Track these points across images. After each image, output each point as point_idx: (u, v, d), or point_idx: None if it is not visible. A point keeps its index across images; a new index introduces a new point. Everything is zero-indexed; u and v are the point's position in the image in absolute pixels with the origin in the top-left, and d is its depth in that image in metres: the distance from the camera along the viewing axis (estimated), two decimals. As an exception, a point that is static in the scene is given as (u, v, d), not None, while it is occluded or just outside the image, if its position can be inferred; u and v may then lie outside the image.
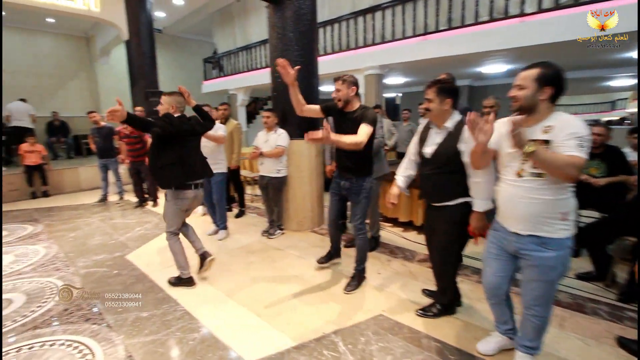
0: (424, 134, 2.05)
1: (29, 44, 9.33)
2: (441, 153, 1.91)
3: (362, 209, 2.48)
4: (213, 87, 10.21)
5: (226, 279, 2.75)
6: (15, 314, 2.30)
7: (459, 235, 1.97)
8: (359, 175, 2.44)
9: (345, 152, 2.36)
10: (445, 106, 1.87)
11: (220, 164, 3.68)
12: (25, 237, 3.97)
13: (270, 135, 3.68)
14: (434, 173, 1.95)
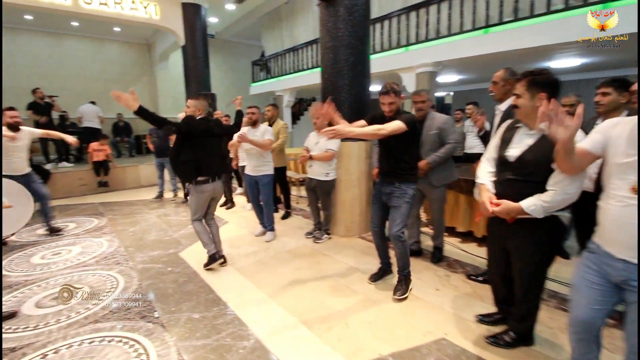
0: (507, 134, 1.77)
1: (99, 51, 10.27)
2: (530, 158, 1.62)
3: (403, 215, 2.37)
4: (260, 89, 10.44)
5: (274, 284, 2.69)
6: (79, 306, 2.42)
7: (545, 255, 1.69)
8: (402, 180, 2.36)
9: (390, 157, 2.37)
10: (537, 102, 1.58)
11: (268, 165, 3.65)
12: (91, 230, 4.28)
13: (321, 137, 3.57)
14: (517, 180, 1.67)
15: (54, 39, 9.54)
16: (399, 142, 2.26)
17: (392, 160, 2.38)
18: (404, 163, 2.37)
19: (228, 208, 5.16)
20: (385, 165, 2.44)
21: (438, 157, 2.76)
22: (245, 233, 4.00)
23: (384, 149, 2.43)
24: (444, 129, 2.77)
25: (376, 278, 2.71)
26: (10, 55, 8.95)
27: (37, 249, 3.66)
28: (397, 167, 2.37)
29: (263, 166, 3.62)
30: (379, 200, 2.50)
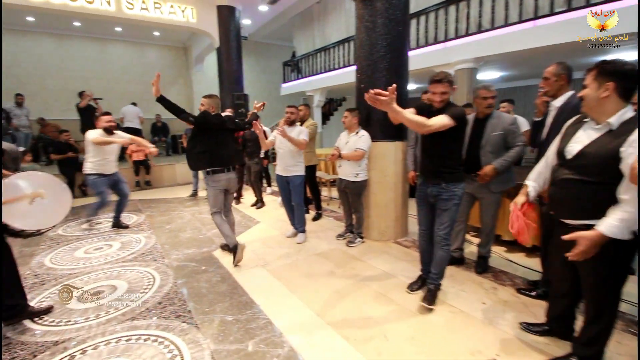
0: (571, 129, 1.58)
1: (140, 55, 10.78)
2: (591, 154, 1.43)
3: (451, 218, 2.24)
4: (291, 89, 10.47)
5: (308, 289, 2.59)
6: (118, 302, 2.47)
7: (618, 270, 1.46)
8: (448, 180, 2.20)
9: (433, 155, 2.23)
10: (603, 92, 1.39)
11: (299, 165, 3.61)
12: (131, 226, 4.44)
13: (351, 137, 3.47)
14: (574, 180, 1.48)
15: (100, 44, 10.14)
16: (444, 139, 2.10)
17: (436, 159, 2.22)
18: (450, 161, 2.21)
19: (258, 208, 5.17)
20: (429, 165, 2.28)
21: (506, 161, 2.51)
22: (276, 234, 3.96)
23: (428, 147, 2.27)
24: (511, 130, 2.53)
25: (416, 287, 2.53)
26: (61, 60, 9.61)
27: (81, 243, 3.84)
28: (442, 166, 2.20)
29: (294, 166, 3.58)
30: (426, 202, 2.35)
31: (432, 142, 2.19)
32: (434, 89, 2.12)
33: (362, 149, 3.35)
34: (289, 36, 11.17)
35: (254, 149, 5.14)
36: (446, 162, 2.20)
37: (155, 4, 6.86)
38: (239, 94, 7.63)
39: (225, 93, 7.76)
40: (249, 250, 3.40)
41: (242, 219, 4.59)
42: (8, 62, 8.87)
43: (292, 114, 3.58)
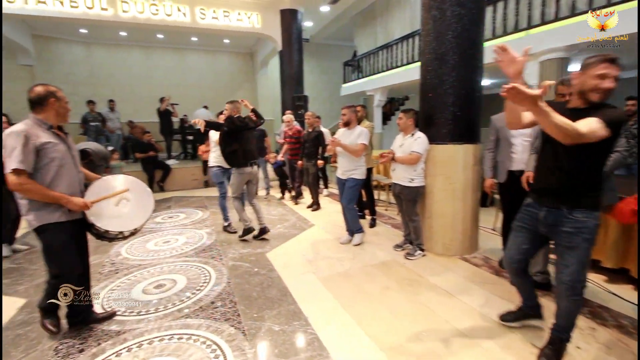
0: None
1: (212, 62, 11.62)
2: None
3: (582, 260, 1.63)
4: (351, 90, 10.30)
5: (360, 303, 2.40)
6: (176, 297, 2.57)
7: None
8: (580, 206, 1.60)
9: (560, 168, 1.62)
10: None
11: (359, 170, 3.46)
12: (196, 222, 4.72)
13: (406, 139, 3.19)
14: None
15: (179, 54, 11.17)
16: (588, 149, 1.48)
17: (564, 174, 1.61)
18: (587, 179, 1.59)
19: (314, 210, 5.11)
20: (554, 182, 1.65)
21: None
22: (330, 238, 3.83)
23: (550, 155, 1.66)
24: None
25: (511, 318, 2.08)
26: (148, 69, 10.81)
27: (153, 235, 4.17)
28: (572, 184, 1.60)
29: (354, 170, 3.45)
30: (531, 228, 1.79)
31: (569, 153, 1.55)
32: (606, 71, 1.47)
33: (418, 152, 3.05)
34: (349, 36, 11.03)
35: (311, 149, 5.09)
36: (581, 179, 1.59)
37: (224, 13, 7.28)
38: (299, 95, 7.71)
39: (287, 95, 7.93)
40: (299, 255, 3.34)
41: (296, 221, 4.57)
42: (104, 72, 10.26)
43: (344, 115, 3.49)
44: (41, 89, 1.91)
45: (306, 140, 5.22)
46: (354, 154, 3.36)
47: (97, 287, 2.77)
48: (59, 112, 1.95)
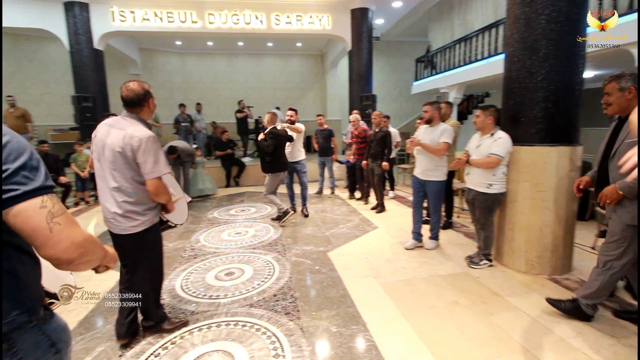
0: None
1: (285, 65, 12.18)
2: None
3: None
4: (423, 87, 9.77)
5: (424, 316, 2.24)
6: (243, 286, 2.74)
7: None
8: None
9: None
10: None
11: (439, 170, 3.26)
12: (265, 216, 4.99)
13: (484, 139, 2.87)
14: None
15: (256, 59, 11.97)
16: None
17: None
18: None
19: (378, 212, 4.97)
20: None
21: (631, 184, 1.74)
22: (394, 243, 3.68)
23: None
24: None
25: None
26: (230, 74, 11.82)
27: (228, 226, 4.52)
28: None
29: (434, 170, 3.26)
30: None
31: None
32: None
33: (497, 154, 2.72)
34: (422, 31, 10.49)
35: (377, 150, 4.97)
36: None
37: (297, 17, 7.54)
38: (367, 94, 7.60)
39: (355, 94, 7.88)
40: (361, 257, 3.27)
41: (360, 222, 4.50)
42: (194, 78, 11.53)
43: (426, 112, 3.29)
44: (139, 87, 1.83)
45: (372, 140, 5.12)
46: (435, 153, 3.17)
47: (179, 269, 3.12)
48: (152, 110, 1.92)
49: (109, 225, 1.86)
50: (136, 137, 1.72)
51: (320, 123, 6.03)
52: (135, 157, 1.73)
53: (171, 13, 7.08)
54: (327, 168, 6.18)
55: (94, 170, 1.92)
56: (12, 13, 6.53)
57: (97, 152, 1.82)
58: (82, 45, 6.76)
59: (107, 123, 1.83)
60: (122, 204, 1.78)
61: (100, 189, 1.86)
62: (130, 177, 1.77)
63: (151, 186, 1.77)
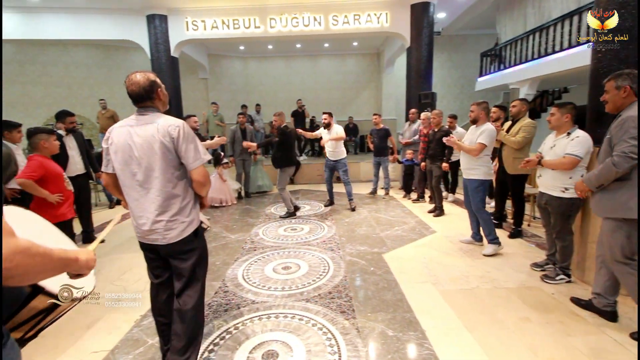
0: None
1: (340, 65, 12.23)
2: None
3: None
4: (488, 83, 9.07)
5: (489, 330, 2.09)
6: (300, 281, 2.82)
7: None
8: None
9: None
10: None
11: (478, 169, 3.27)
12: (319, 214, 5.07)
13: (559, 139, 2.60)
14: None
15: (313, 60, 12.21)
16: None
17: None
18: None
19: (436, 215, 4.75)
20: None
21: (594, 175, 2.04)
22: (453, 249, 3.49)
23: None
24: (616, 131, 1.94)
25: None
26: (288, 76, 12.22)
27: (284, 222, 4.69)
28: None
29: (472, 169, 3.31)
30: None
31: None
32: None
33: (575, 154, 2.43)
34: (489, 22, 9.76)
35: (437, 150, 4.75)
36: None
37: (355, 16, 7.51)
38: (426, 92, 7.29)
39: (413, 93, 7.61)
40: (418, 261, 3.16)
41: (416, 225, 4.35)
42: (255, 81, 12.14)
43: (472, 112, 3.35)
44: (143, 78, 1.55)
45: (431, 141, 4.91)
46: (469, 152, 3.27)
47: (240, 260, 3.32)
48: (164, 101, 1.65)
49: (150, 238, 1.60)
50: (172, 125, 1.52)
51: (377, 122, 5.95)
52: (177, 147, 1.53)
53: (237, 20, 7.54)
54: (382, 168, 6.07)
55: (120, 181, 1.60)
56: (105, 27, 7.54)
57: (121, 159, 1.55)
58: (161, 54, 7.53)
59: (123, 125, 1.57)
60: (166, 208, 1.56)
61: (132, 200, 1.59)
62: (170, 174, 1.55)
63: (198, 175, 1.58)
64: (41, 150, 2.62)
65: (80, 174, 3.84)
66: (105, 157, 1.62)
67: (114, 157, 1.58)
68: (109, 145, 1.58)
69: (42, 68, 9.57)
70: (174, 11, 7.51)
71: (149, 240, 1.62)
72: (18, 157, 3.10)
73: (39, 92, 9.58)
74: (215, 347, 1.99)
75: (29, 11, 7.19)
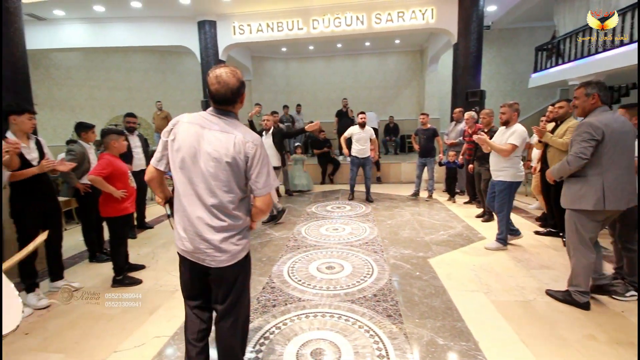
0: None
1: (381, 63, 12.03)
2: None
3: None
4: (545, 80, 8.41)
5: (550, 347, 1.94)
6: (345, 281, 2.84)
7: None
8: None
9: None
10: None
11: (505, 171, 3.35)
12: (360, 215, 5.05)
13: None
14: None
15: (353, 59, 12.14)
16: None
17: None
18: None
19: (485, 221, 4.51)
20: None
21: (555, 169, 2.38)
22: (506, 257, 3.30)
23: None
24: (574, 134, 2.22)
25: None
26: (327, 76, 12.26)
27: (325, 222, 4.74)
28: None
29: (500, 171, 3.37)
30: None
31: None
32: None
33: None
34: (545, 14, 9.03)
35: (484, 152, 4.50)
36: None
37: (399, 13, 7.35)
38: (474, 90, 6.95)
39: (459, 91, 7.29)
40: (467, 268, 3.03)
41: (463, 230, 4.17)
42: (296, 81, 12.33)
43: (503, 114, 3.40)
44: (234, 78, 1.36)
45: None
46: (499, 152, 3.32)
47: (285, 257, 3.41)
48: (241, 106, 1.49)
49: (196, 256, 1.41)
50: (250, 142, 1.35)
51: (424, 122, 5.79)
52: (249, 167, 1.36)
53: (280, 23, 7.72)
54: (427, 169, 5.90)
55: (175, 185, 1.40)
56: (161, 34, 8.11)
57: (181, 161, 1.35)
58: (210, 58, 7.94)
59: (193, 122, 1.36)
60: (222, 226, 1.37)
61: (182, 210, 1.40)
62: (234, 194, 1.38)
63: (262, 202, 1.43)
64: (111, 149, 2.88)
65: (143, 169, 4.23)
66: (161, 151, 1.42)
67: (173, 155, 1.37)
68: (169, 139, 1.38)
69: (105, 73, 10.52)
70: (222, 17, 7.88)
71: (194, 258, 1.42)
72: (90, 155, 3.46)
73: (103, 95, 10.55)
74: (265, 340, 2.06)
75: (96, 21, 7.94)
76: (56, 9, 7.36)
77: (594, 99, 2.20)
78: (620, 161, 2.12)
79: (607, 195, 2.11)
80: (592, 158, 2.12)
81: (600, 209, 2.14)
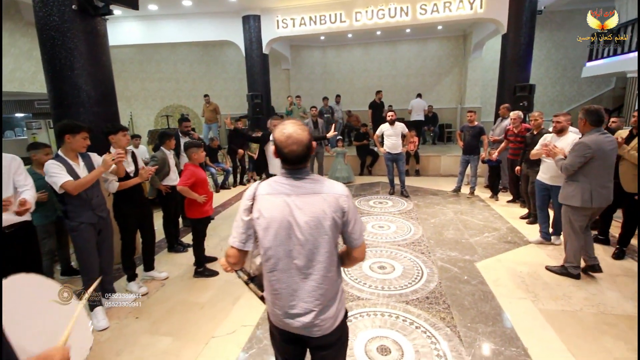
0: None
1: (422, 49, 11.70)
2: None
3: None
4: (601, 70, 7.88)
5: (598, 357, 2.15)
6: (397, 282, 3.13)
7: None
8: None
9: None
10: None
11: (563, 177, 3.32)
12: (403, 211, 5.26)
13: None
14: None
15: (391, 46, 11.89)
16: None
17: None
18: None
19: (530, 223, 4.57)
20: None
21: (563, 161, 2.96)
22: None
23: None
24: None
25: None
26: (364, 63, 12.15)
27: (370, 218, 5.00)
28: None
29: (559, 177, 3.34)
30: None
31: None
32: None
33: None
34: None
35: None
36: None
37: (445, 3, 7.15)
38: (523, 84, 6.73)
39: (507, 83, 7.07)
40: (514, 274, 3.21)
41: (507, 232, 4.29)
42: (333, 69, 12.32)
43: (559, 122, 3.44)
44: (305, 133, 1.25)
45: (529, 144, 4.65)
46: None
47: (338, 256, 3.74)
48: None
49: (302, 331, 1.29)
50: (342, 195, 1.26)
51: (471, 120, 5.78)
52: (346, 221, 1.27)
53: (323, 16, 7.79)
54: (471, 167, 5.94)
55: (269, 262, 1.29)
56: (207, 29, 8.46)
57: (274, 238, 1.25)
58: (254, 51, 8.22)
59: (275, 192, 1.26)
60: (324, 291, 1.27)
61: (283, 286, 1.27)
62: (335, 256, 1.30)
63: (360, 252, 1.34)
64: (193, 160, 3.30)
65: None
66: (245, 232, 1.29)
67: (262, 234, 1.26)
68: (253, 217, 1.26)
69: (156, 66, 11.17)
70: (266, 11, 8.06)
71: (295, 330, 1.30)
72: (170, 160, 3.93)
73: (154, 86, 11.25)
74: (335, 335, 2.43)
75: (148, 19, 8.42)
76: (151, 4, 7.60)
77: (584, 123, 2.85)
78: (604, 171, 2.80)
79: (594, 196, 2.80)
80: (584, 168, 2.80)
81: (587, 206, 2.84)
